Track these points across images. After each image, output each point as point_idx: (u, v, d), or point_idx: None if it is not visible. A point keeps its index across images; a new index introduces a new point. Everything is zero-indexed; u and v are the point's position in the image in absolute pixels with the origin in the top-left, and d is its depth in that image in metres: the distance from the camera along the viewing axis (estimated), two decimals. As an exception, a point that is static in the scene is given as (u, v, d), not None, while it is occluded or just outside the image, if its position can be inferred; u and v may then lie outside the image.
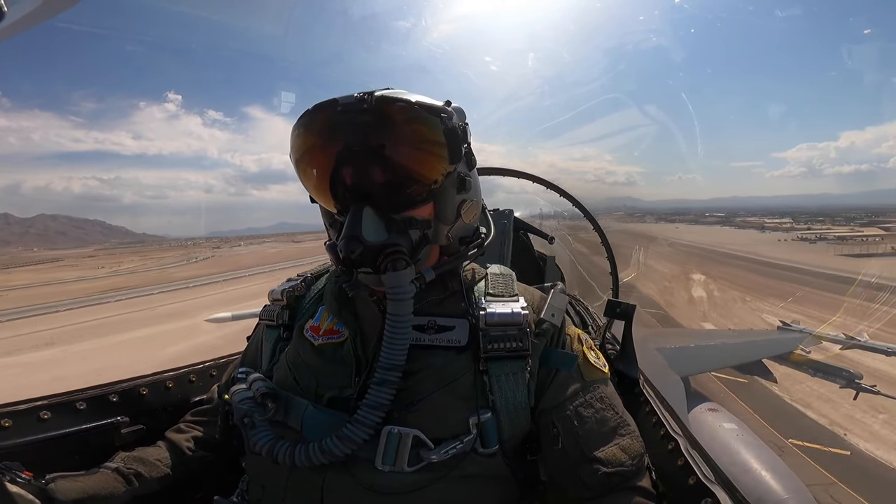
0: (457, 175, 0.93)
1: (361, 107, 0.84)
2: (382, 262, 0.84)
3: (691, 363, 7.11)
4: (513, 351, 0.91)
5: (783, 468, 2.24)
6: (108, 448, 1.11)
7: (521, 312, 0.93)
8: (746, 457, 2.31)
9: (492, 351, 0.90)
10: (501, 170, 2.98)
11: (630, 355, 1.37)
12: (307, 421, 0.89)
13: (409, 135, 0.87)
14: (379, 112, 0.85)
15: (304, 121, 0.90)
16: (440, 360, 0.91)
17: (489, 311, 0.93)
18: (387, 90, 0.87)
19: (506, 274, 1.08)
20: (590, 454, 0.88)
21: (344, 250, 0.83)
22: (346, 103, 0.85)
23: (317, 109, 0.88)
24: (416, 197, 0.89)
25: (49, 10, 0.60)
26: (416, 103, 0.86)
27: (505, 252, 2.30)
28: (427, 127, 0.87)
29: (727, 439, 2.60)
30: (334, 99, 0.87)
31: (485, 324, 0.92)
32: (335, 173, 0.90)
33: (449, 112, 0.88)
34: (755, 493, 2.01)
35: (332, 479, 0.85)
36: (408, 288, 0.84)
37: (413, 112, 0.86)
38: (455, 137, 0.89)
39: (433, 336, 0.93)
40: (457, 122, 0.90)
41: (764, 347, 10.62)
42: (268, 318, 1.13)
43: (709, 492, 0.83)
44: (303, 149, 0.92)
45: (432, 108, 0.87)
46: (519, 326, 0.92)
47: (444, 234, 0.94)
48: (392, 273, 0.83)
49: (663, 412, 1.13)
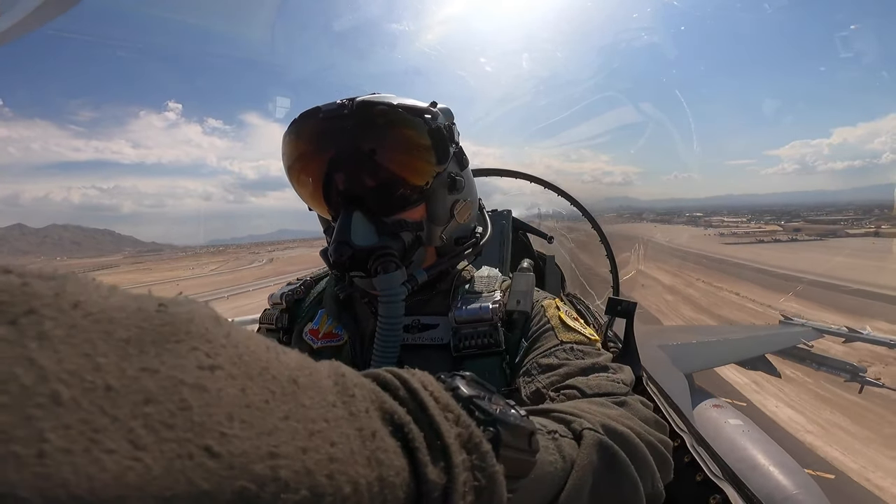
0: (447, 175, 0.92)
1: (342, 112, 0.85)
2: (373, 265, 0.84)
3: (694, 360, 7.11)
4: (483, 347, 0.89)
5: (792, 464, 2.23)
6: None
7: (489, 307, 0.90)
8: (754, 452, 2.29)
9: (463, 349, 0.89)
10: (498, 171, 2.98)
11: (633, 353, 1.36)
12: None
13: (393, 138, 0.88)
14: (361, 117, 0.85)
15: (290, 130, 0.91)
16: (422, 359, 0.90)
17: (459, 309, 0.92)
18: (371, 95, 0.88)
19: (492, 276, 1.06)
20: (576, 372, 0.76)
21: (334, 255, 0.84)
22: (328, 110, 0.86)
23: (302, 118, 0.89)
24: (406, 199, 0.89)
25: (43, 15, 0.60)
26: (398, 106, 0.86)
27: (504, 253, 2.29)
28: (410, 129, 0.87)
29: (733, 435, 2.59)
30: (317, 107, 0.88)
31: (455, 322, 0.91)
32: (325, 180, 0.90)
33: (434, 112, 0.88)
34: (764, 489, 2.00)
35: None
36: (399, 290, 0.84)
37: (395, 115, 0.86)
38: (441, 138, 0.88)
39: (417, 335, 0.94)
40: (442, 123, 0.89)
41: (766, 342, 10.60)
42: (267, 323, 1.13)
43: (717, 488, 0.82)
44: (291, 158, 0.93)
45: (415, 110, 0.87)
46: (489, 322, 0.90)
47: (437, 235, 0.94)
48: (382, 276, 0.83)
49: (668, 409, 1.12)
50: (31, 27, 0.62)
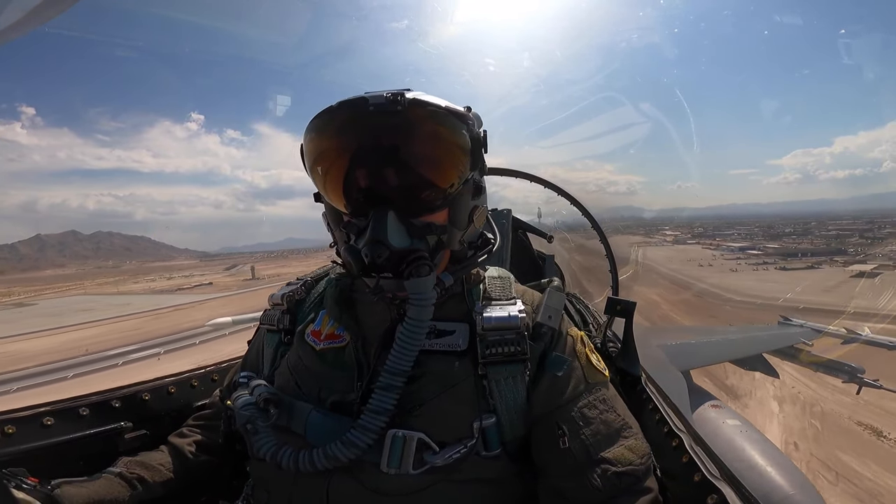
0: (472, 181, 0.93)
1: (394, 108, 0.82)
2: (406, 268, 0.83)
3: (692, 358, 7.12)
4: (511, 355, 0.90)
5: (788, 464, 2.24)
6: (111, 454, 1.11)
7: (517, 316, 0.92)
8: (751, 453, 2.30)
9: (490, 356, 0.89)
10: (502, 170, 2.97)
11: (632, 353, 1.36)
12: (311, 425, 0.88)
13: (439, 140, 0.87)
14: (411, 114, 0.83)
15: (328, 118, 0.87)
16: (441, 364, 0.91)
17: (485, 316, 0.92)
18: (410, 92, 0.85)
19: (504, 276, 1.07)
20: (597, 455, 0.86)
21: (370, 255, 0.82)
22: (378, 103, 0.83)
23: (343, 107, 0.86)
24: (435, 202, 0.88)
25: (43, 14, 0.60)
26: (446, 108, 0.86)
27: (504, 252, 2.29)
28: (455, 133, 0.87)
29: (731, 435, 2.60)
30: (363, 97, 0.85)
31: (482, 328, 0.91)
32: (356, 173, 0.87)
33: (472, 119, 0.88)
34: (761, 489, 2.01)
35: (338, 483, 0.84)
36: (430, 294, 0.84)
37: (443, 118, 0.85)
38: (478, 144, 0.89)
39: (434, 341, 0.93)
40: (478, 129, 0.90)
41: (764, 342, 10.63)
42: (268, 323, 1.12)
43: (714, 488, 0.83)
44: (325, 146, 0.89)
45: (460, 115, 0.87)
46: (516, 330, 0.91)
47: (457, 239, 0.94)
48: (416, 279, 0.83)
49: (666, 409, 1.12)
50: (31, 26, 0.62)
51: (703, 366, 9.01)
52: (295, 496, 0.88)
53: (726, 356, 9.43)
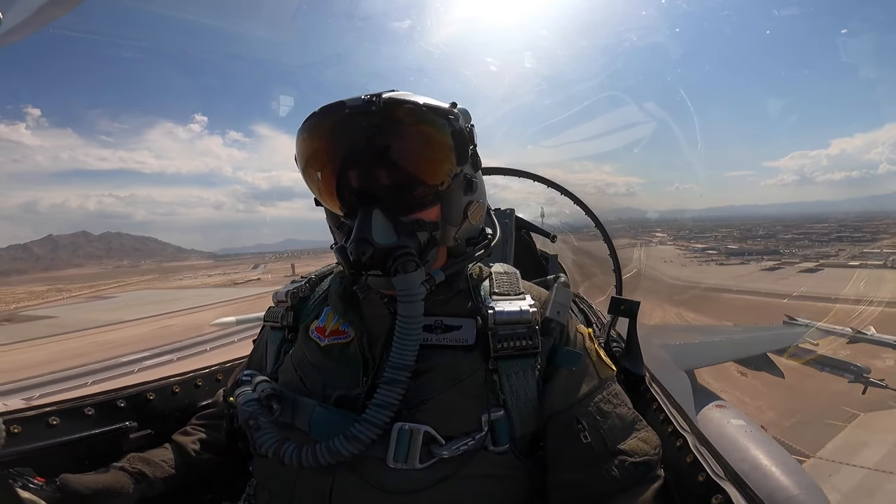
0: (463, 177, 0.93)
1: (369, 109, 0.83)
2: (392, 264, 0.84)
3: (696, 358, 7.08)
4: (522, 349, 0.91)
5: (794, 465, 2.22)
6: (117, 453, 1.12)
7: (528, 310, 0.94)
8: (756, 453, 2.28)
9: (501, 350, 0.90)
10: (503, 169, 2.97)
11: (635, 352, 1.36)
12: (315, 421, 0.88)
13: (418, 137, 0.87)
14: (387, 114, 0.84)
15: (310, 123, 0.89)
16: (448, 359, 0.91)
17: (497, 310, 0.93)
18: (392, 92, 0.87)
19: (510, 272, 1.08)
20: (614, 448, 0.90)
21: (354, 253, 0.83)
22: (354, 105, 0.84)
23: (323, 112, 0.88)
24: (424, 199, 0.89)
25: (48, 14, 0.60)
26: (423, 105, 0.86)
27: (507, 251, 2.29)
28: (435, 129, 0.87)
29: (736, 436, 2.58)
30: (341, 101, 0.86)
31: (493, 322, 0.92)
32: (343, 176, 0.89)
33: (456, 114, 0.88)
34: (766, 489, 1.99)
35: (342, 479, 0.84)
36: (418, 290, 0.84)
37: (421, 114, 0.86)
38: (462, 139, 0.89)
39: (441, 336, 0.93)
40: (463, 124, 0.90)
41: (769, 341, 10.54)
42: (272, 321, 1.13)
43: (719, 488, 0.82)
44: (310, 151, 0.91)
45: (440, 111, 0.87)
46: (528, 324, 0.92)
47: (451, 235, 0.94)
48: (402, 275, 0.83)
49: (670, 409, 1.12)
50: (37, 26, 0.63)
51: (707, 365, 8.97)
52: (297, 494, 0.88)
53: (730, 356, 9.38)
